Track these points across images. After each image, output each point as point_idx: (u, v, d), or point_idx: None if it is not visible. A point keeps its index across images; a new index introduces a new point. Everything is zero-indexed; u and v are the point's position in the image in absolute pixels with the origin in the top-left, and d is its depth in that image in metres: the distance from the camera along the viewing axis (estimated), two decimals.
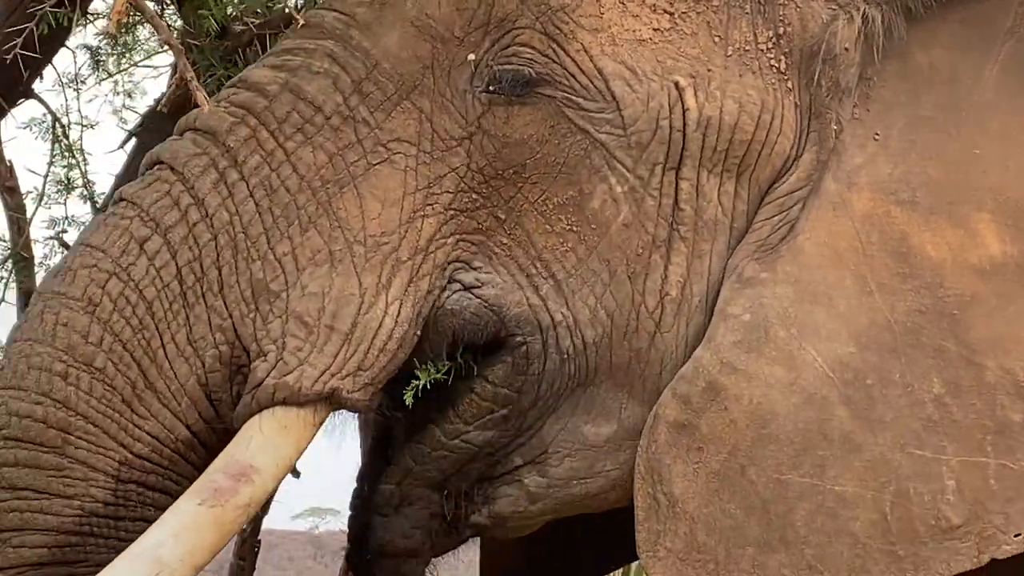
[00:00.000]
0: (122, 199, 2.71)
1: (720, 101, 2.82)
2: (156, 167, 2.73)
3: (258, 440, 2.62)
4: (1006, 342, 2.75)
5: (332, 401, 2.68)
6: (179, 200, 2.69)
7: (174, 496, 2.58)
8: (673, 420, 2.76)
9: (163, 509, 2.55)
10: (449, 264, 2.77)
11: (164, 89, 3.87)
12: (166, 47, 2.86)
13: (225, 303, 2.67)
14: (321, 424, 2.69)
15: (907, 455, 2.72)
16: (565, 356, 2.80)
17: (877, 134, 2.87)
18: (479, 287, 2.78)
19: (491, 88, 2.77)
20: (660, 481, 2.75)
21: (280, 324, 2.67)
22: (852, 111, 2.86)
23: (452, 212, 2.77)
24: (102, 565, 2.47)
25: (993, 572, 2.73)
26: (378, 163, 2.75)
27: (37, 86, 3.74)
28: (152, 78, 4.41)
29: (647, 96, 2.79)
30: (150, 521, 2.53)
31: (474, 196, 2.78)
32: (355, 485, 2.89)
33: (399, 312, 2.72)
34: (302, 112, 2.74)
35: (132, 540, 2.51)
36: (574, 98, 2.77)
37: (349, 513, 2.90)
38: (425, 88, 2.78)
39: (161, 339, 2.64)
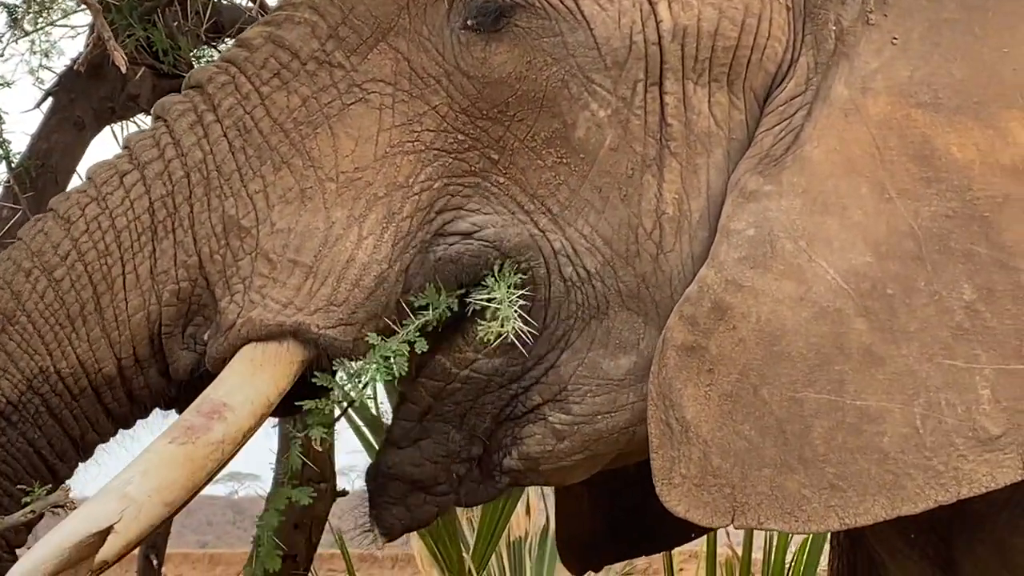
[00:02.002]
0: (124, 146, 2.79)
1: (697, 8, 2.73)
2: (154, 120, 2.81)
3: (231, 379, 2.61)
4: None
5: (302, 339, 2.63)
6: (159, 140, 2.73)
7: (61, 430, 2.62)
8: (681, 343, 2.65)
9: (46, 439, 2.61)
10: (439, 212, 2.72)
11: (81, 49, 3.94)
12: (83, 6, 2.92)
13: (195, 239, 2.68)
14: (303, 363, 2.65)
15: (936, 365, 2.56)
16: (569, 284, 2.72)
17: (895, 38, 2.74)
18: (477, 231, 2.72)
19: (468, 23, 2.73)
20: (672, 407, 2.64)
21: (249, 262, 2.67)
22: (867, 16, 2.74)
23: (436, 152, 2.72)
24: None
25: None
26: (352, 103, 2.74)
27: None
28: (70, 38, 4.39)
29: (618, 13, 2.72)
30: (29, 442, 2.59)
31: (460, 136, 2.73)
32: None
33: (375, 248, 2.67)
34: (280, 58, 2.76)
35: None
36: (547, 23, 2.72)
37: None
38: (401, 28, 2.76)
39: (123, 268, 2.67)
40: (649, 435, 2.65)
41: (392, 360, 2.64)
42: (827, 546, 3.96)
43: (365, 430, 5.38)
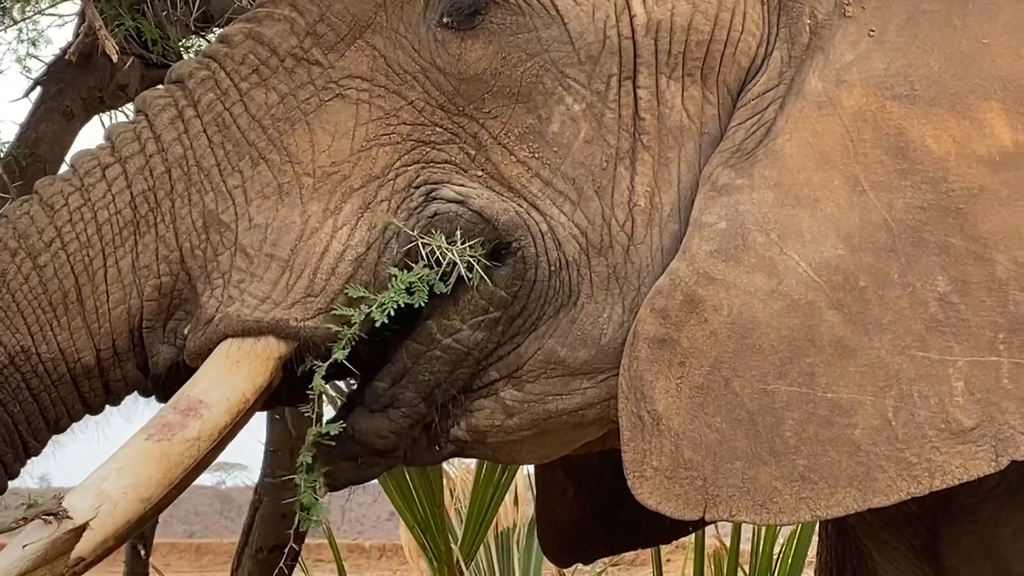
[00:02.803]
0: (105, 137, 2.80)
1: (671, 3, 2.74)
2: (135, 114, 2.82)
3: (208, 376, 2.62)
4: (1020, 234, 2.58)
5: (281, 334, 2.64)
6: (140, 134, 2.74)
7: (38, 410, 2.63)
8: (652, 336, 2.65)
9: (24, 415, 2.62)
10: (418, 187, 2.72)
11: (70, 38, 3.93)
12: None
13: (176, 234, 2.69)
14: (281, 359, 2.66)
15: (909, 357, 2.56)
16: (553, 268, 2.73)
17: (872, 30, 2.74)
18: (465, 200, 2.72)
19: (443, 20, 2.74)
20: (643, 399, 2.64)
21: (229, 256, 2.68)
22: (844, 8, 2.75)
23: (413, 143, 2.74)
24: None
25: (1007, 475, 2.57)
26: (330, 99, 2.75)
27: None
28: (58, 26, 4.35)
29: (592, 8, 2.74)
30: (9, 414, 2.60)
31: (439, 130, 2.75)
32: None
33: (349, 236, 2.68)
34: (259, 54, 2.77)
35: None
36: (521, 19, 2.73)
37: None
38: (378, 26, 2.78)
39: (105, 261, 2.68)
40: (620, 428, 2.65)
41: (415, 288, 2.65)
42: (815, 537, 3.96)
43: None
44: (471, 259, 2.69)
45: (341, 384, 2.95)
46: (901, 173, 2.64)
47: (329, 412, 2.85)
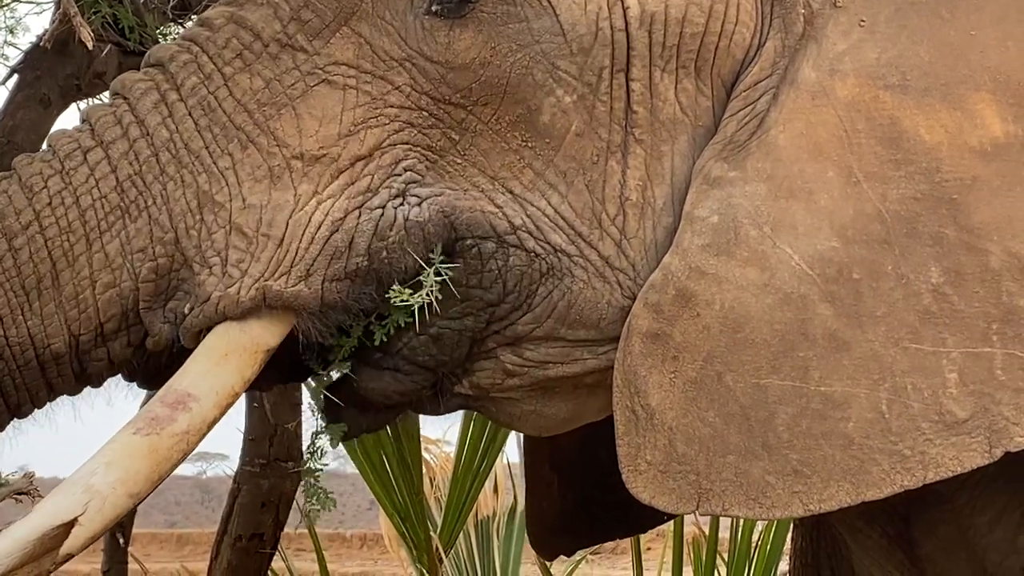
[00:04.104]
0: (83, 119, 2.77)
1: None
2: (112, 96, 2.79)
3: (197, 369, 2.60)
4: (1013, 224, 2.57)
5: (269, 301, 2.63)
6: (121, 119, 2.71)
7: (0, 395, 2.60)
8: (646, 330, 2.65)
9: None
10: (401, 171, 2.72)
11: (47, 25, 3.86)
12: None
13: (170, 216, 2.67)
14: (269, 352, 2.65)
15: (902, 349, 2.56)
16: (532, 255, 2.73)
17: (863, 20, 2.73)
18: (436, 196, 2.72)
19: (432, 9, 2.72)
20: (637, 393, 2.64)
21: (224, 235, 2.67)
22: None
23: (400, 124, 2.73)
24: None
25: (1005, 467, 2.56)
26: (315, 84, 2.73)
27: None
28: (35, 14, 4.29)
29: None
30: None
31: (424, 114, 2.73)
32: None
33: (332, 206, 2.68)
34: (242, 39, 2.74)
35: None
36: (512, 9, 2.71)
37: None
38: (364, 13, 2.75)
39: (89, 246, 2.64)
40: (615, 422, 2.65)
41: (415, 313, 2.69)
42: (794, 525, 3.97)
43: None
44: (440, 270, 2.70)
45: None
46: (895, 164, 2.63)
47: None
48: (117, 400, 2.83)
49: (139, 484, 2.48)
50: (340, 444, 2.99)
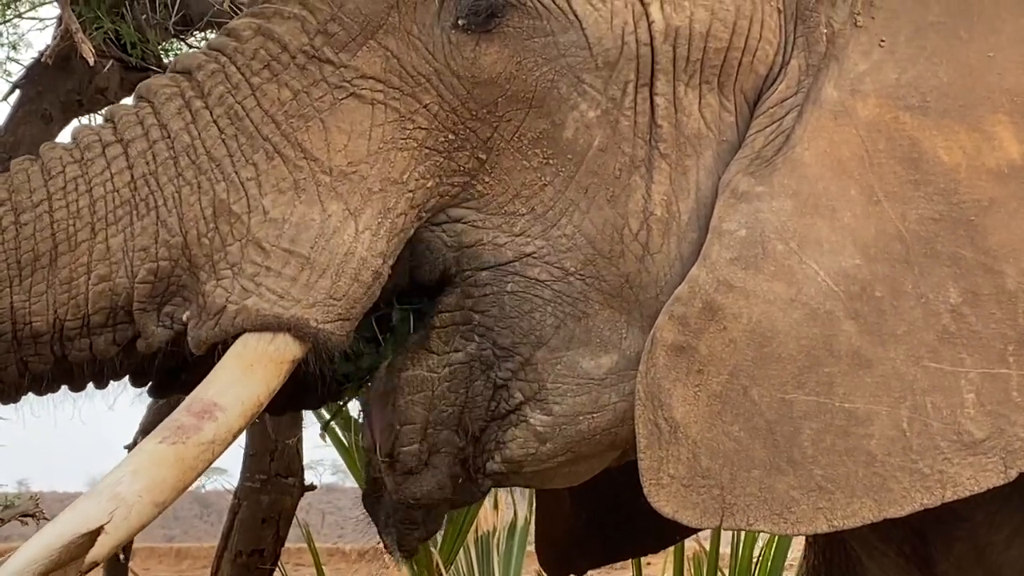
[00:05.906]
0: (106, 117, 2.77)
1: (689, 10, 2.73)
2: (136, 100, 2.80)
3: (223, 378, 2.59)
4: None
5: (299, 333, 2.61)
6: (144, 120, 2.72)
7: None
8: (671, 343, 2.63)
9: None
10: (431, 210, 2.72)
11: (49, 41, 3.93)
12: None
13: (180, 220, 2.66)
14: (294, 362, 2.64)
15: (922, 368, 2.57)
16: (533, 280, 2.71)
17: (883, 41, 2.74)
18: (458, 223, 2.74)
19: (459, 23, 2.72)
20: (660, 407, 2.62)
21: (239, 248, 2.65)
22: (855, 18, 2.76)
23: (427, 151, 2.72)
24: None
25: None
26: (344, 98, 2.72)
27: None
28: (38, 30, 4.33)
29: (611, 13, 2.72)
30: None
31: (451, 136, 2.73)
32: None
33: (372, 242, 2.66)
34: (269, 50, 2.74)
35: None
36: (539, 23, 2.71)
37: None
38: (391, 27, 2.75)
39: (93, 235, 2.64)
40: (637, 435, 2.63)
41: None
42: (794, 541, 3.96)
43: (333, 424, 5.36)
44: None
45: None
46: (914, 184, 2.64)
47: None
48: (112, 422, 2.83)
49: (165, 493, 2.49)
50: (340, 459, 3.02)
